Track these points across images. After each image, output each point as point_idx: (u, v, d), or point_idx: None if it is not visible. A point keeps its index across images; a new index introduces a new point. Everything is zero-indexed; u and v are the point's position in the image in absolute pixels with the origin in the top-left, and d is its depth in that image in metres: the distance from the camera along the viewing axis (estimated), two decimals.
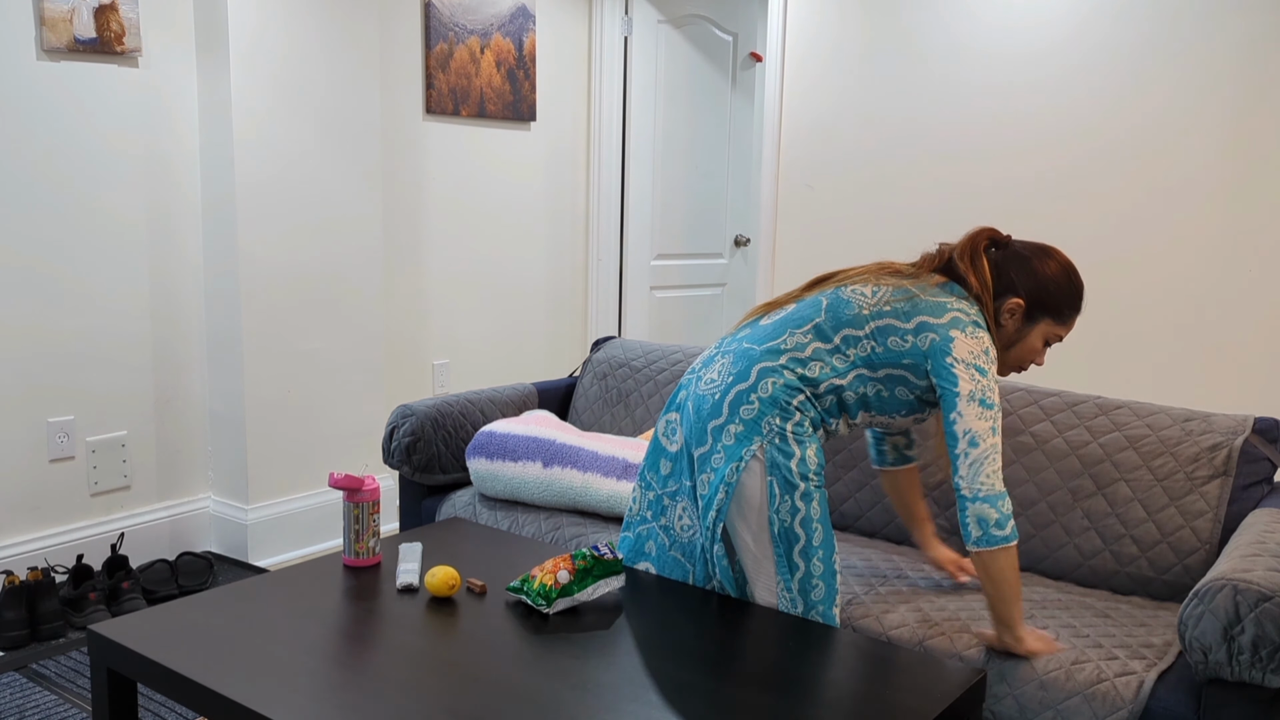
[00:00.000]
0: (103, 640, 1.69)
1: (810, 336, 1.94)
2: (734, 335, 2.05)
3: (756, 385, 1.93)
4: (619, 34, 4.48)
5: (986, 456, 1.81)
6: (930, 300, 1.91)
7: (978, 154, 3.57)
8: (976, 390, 1.84)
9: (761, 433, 1.90)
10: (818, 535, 1.91)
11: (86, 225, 3.10)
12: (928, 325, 1.89)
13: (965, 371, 1.85)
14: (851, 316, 1.93)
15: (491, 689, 1.53)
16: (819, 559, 1.91)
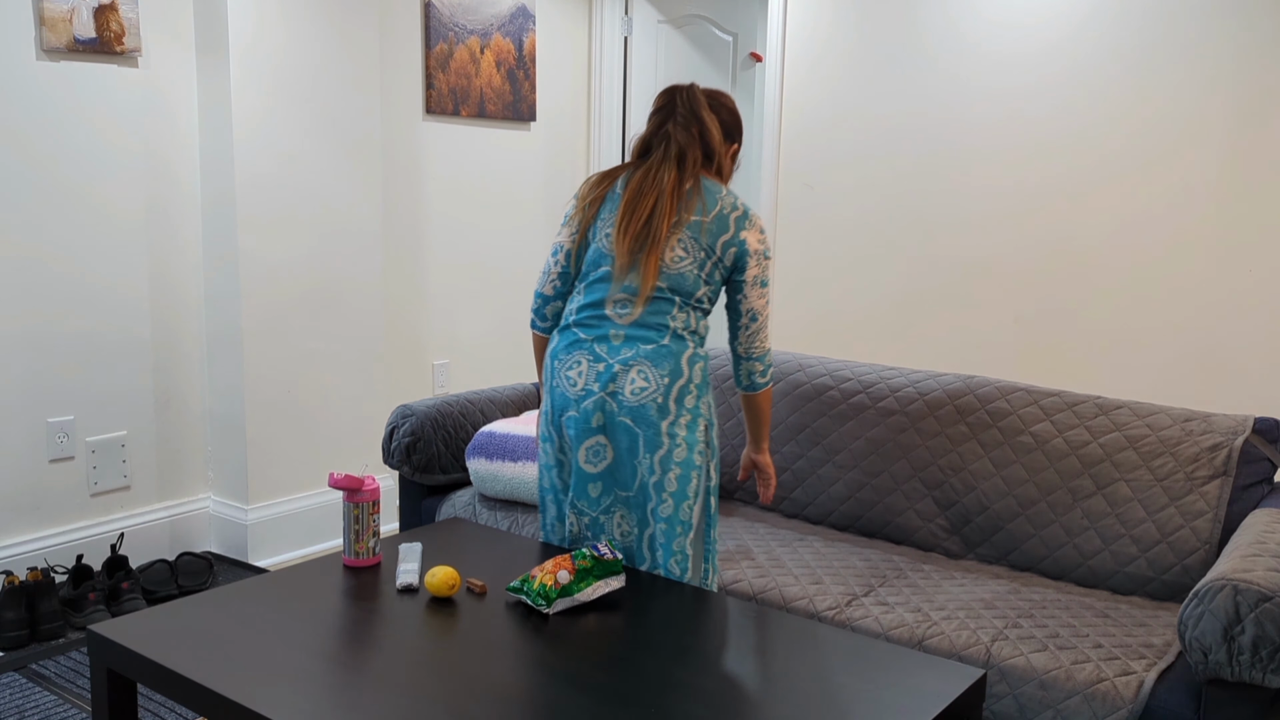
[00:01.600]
0: (103, 640, 1.69)
1: (686, 310, 2.11)
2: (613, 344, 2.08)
3: (691, 374, 2.07)
4: (619, 34, 4.48)
5: (761, 328, 2.15)
6: (715, 224, 2.09)
7: (978, 154, 3.57)
8: (761, 274, 2.13)
9: (701, 414, 2.08)
10: (713, 504, 2.15)
11: (86, 225, 3.10)
12: (728, 243, 2.10)
13: (755, 262, 2.12)
14: (690, 282, 2.10)
15: (491, 689, 1.53)
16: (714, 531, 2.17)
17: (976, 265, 3.61)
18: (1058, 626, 2.00)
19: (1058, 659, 1.87)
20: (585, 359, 2.08)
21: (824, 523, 2.67)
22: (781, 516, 2.73)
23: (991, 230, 3.57)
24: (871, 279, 3.86)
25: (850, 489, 2.62)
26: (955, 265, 3.66)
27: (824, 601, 2.14)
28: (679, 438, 2.04)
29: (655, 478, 2.04)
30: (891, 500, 2.55)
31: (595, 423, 2.07)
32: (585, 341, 2.10)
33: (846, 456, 2.64)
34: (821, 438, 2.69)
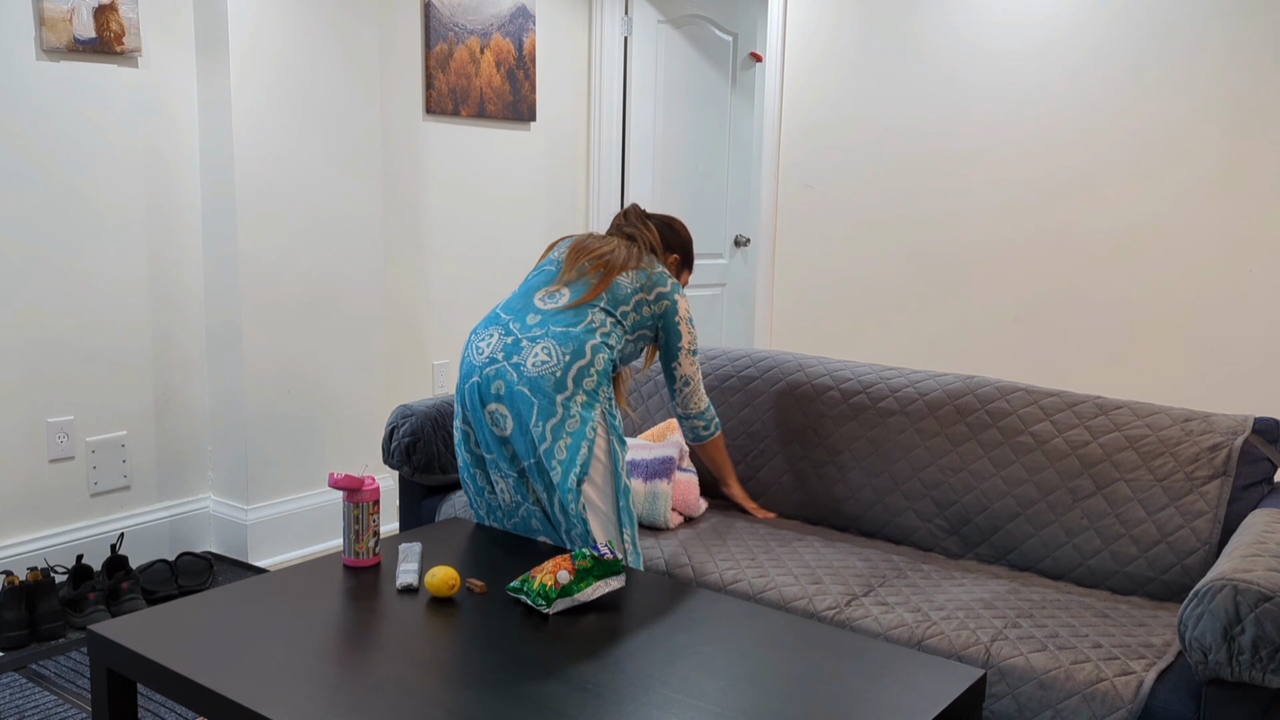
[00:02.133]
0: (102, 640, 1.69)
1: (605, 315, 2.29)
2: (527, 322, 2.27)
3: (593, 360, 2.22)
4: (619, 34, 4.48)
5: (695, 391, 2.47)
6: (657, 273, 2.39)
7: (978, 154, 3.57)
8: (691, 343, 2.44)
9: (600, 399, 2.22)
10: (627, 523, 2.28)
11: (87, 225, 3.10)
12: (662, 294, 2.38)
13: (686, 328, 2.42)
14: (623, 295, 2.33)
15: (491, 689, 1.53)
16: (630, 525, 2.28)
17: (976, 265, 3.61)
18: (1057, 626, 2.00)
19: (1057, 659, 1.87)
20: (498, 332, 2.28)
21: (824, 523, 2.67)
22: (781, 516, 2.73)
23: (991, 230, 3.57)
24: (871, 279, 3.86)
25: (850, 489, 2.62)
26: (955, 265, 3.66)
27: (823, 601, 2.14)
28: (573, 410, 2.18)
29: (547, 444, 2.17)
30: (891, 500, 2.55)
31: (495, 390, 2.22)
32: (503, 320, 2.30)
33: (846, 457, 2.64)
34: (822, 438, 2.69)
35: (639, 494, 2.56)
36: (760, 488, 2.77)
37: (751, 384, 2.85)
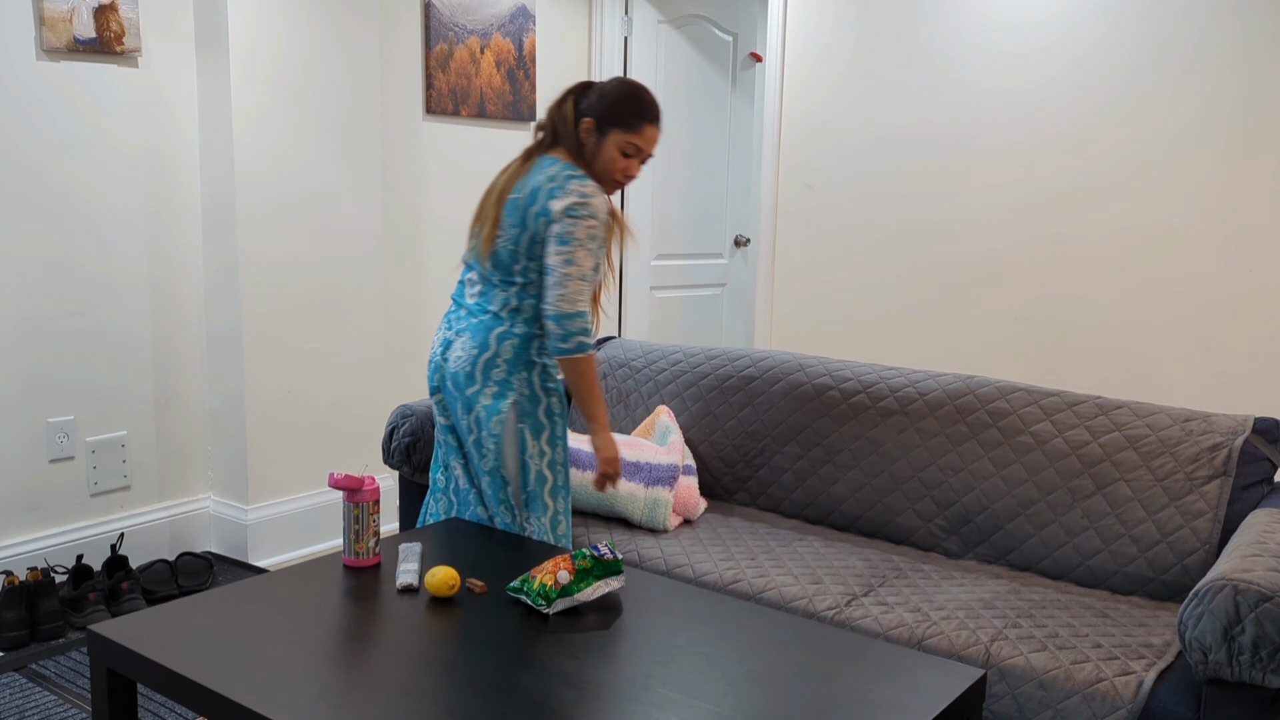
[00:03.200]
0: (103, 640, 1.69)
1: (505, 289, 2.26)
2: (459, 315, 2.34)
3: (499, 350, 2.24)
4: (619, 34, 4.48)
5: (558, 285, 2.15)
6: (527, 199, 2.21)
7: (979, 154, 3.57)
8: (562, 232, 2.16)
9: (513, 388, 2.24)
10: (560, 475, 2.29)
11: (86, 225, 3.10)
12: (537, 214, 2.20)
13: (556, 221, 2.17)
14: (505, 259, 2.25)
15: (491, 689, 1.53)
16: (563, 498, 2.30)
17: (976, 265, 3.61)
18: (1057, 626, 2.00)
19: (1057, 659, 1.87)
20: (443, 328, 2.37)
21: (824, 523, 2.67)
22: (781, 516, 2.73)
23: (992, 230, 3.57)
24: (871, 279, 3.86)
25: (850, 489, 2.62)
26: (955, 265, 3.66)
27: (823, 601, 2.14)
28: (481, 404, 2.24)
29: (473, 436, 2.28)
30: (891, 500, 2.55)
31: (436, 382, 2.36)
32: (449, 312, 2.38)
33: (846, 456, 2.64)
34: (821, 438, 2.69)
35: (639, 499, 2.56)
36: (760, 487, 2.77)
37: (751, 384, 2.85)
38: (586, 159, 2.26)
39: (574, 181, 2.18)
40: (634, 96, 2.24)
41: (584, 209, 2.15)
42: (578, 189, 2.16)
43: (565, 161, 2.23)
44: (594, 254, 2.17)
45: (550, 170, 2.20)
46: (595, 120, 2.24)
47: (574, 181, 2.18)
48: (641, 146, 2.24)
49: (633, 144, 2.23)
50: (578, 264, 2.14)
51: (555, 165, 2.21)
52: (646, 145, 2.25)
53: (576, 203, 2.15)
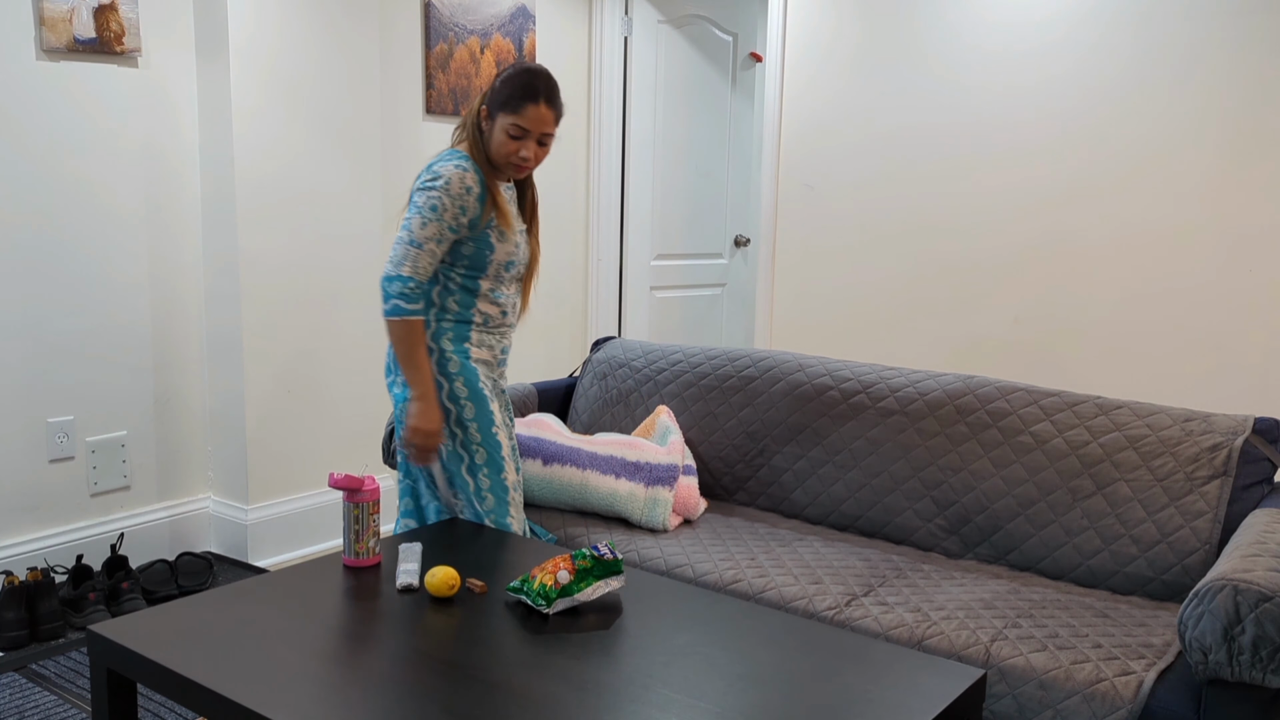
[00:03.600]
0: (103, 640, 1.69)
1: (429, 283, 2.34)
2: None
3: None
4: (619, 34, 4.48)
5: (394, 245, 2.24)
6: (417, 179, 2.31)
7: (978, 154, 3.57)
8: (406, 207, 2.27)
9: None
10: (479, 455, 2.34)
11: (86, 226, 3.10)
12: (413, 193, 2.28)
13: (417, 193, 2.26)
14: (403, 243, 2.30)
15: (491, 689, 1.53)
16: (485, 474, 2.35)
17: (976, 265, 3.61)
18: (1057, 626, 2.00)
19: (1057, 659, 1.87)
20: None
21: (823, 523, 2.67)
22: (781, 516, 2.73)
23: (992, 230, 3.57)
24: (871, 279, 3.86)
25: (850, 489, 2.62)
26: (955, 265, 3.66)
27: (823, 601, 2.14)
28: (394, 393, 2.36)
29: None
30: (891, 500, 2.55)
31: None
32: None
33: (846, 456, 2.64)
34: (821, 438, 2.69)
35: (639, 499, 2.56)
36: (760, 487, 2.77)
37: (751, 384, 2.85)
38: (484, 147, 2.32)
39: (440, 161, 2.28)
40: (517, 78, 2.27)
41: (431, 181, 2.24)
42: (439, 166, 2.26)
43: (456, 149, 2.32)
44: (433, 222, 2.23)
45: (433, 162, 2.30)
46: (487, 107, 2.31)
47: (440, 161, 2.28)
48: (526, 127, 2.26)
49: (516, 125, 2.26)
50: (410, 229, 2.23)
51: (442, 158, 2.29)
52: (532, 125, 2.26)
53: (428, 176, 2.25)
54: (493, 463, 2.36)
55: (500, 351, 2.44)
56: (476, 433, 2.34)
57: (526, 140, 2.28)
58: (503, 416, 2.41)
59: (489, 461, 2.35)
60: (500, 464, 2.37)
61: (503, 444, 2.38)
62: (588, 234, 4.61)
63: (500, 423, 2.38)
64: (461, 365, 2.33)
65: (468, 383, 2.33)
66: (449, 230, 2.25)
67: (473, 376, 2.34)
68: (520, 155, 2.29)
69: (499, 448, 2.37)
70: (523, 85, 2.26)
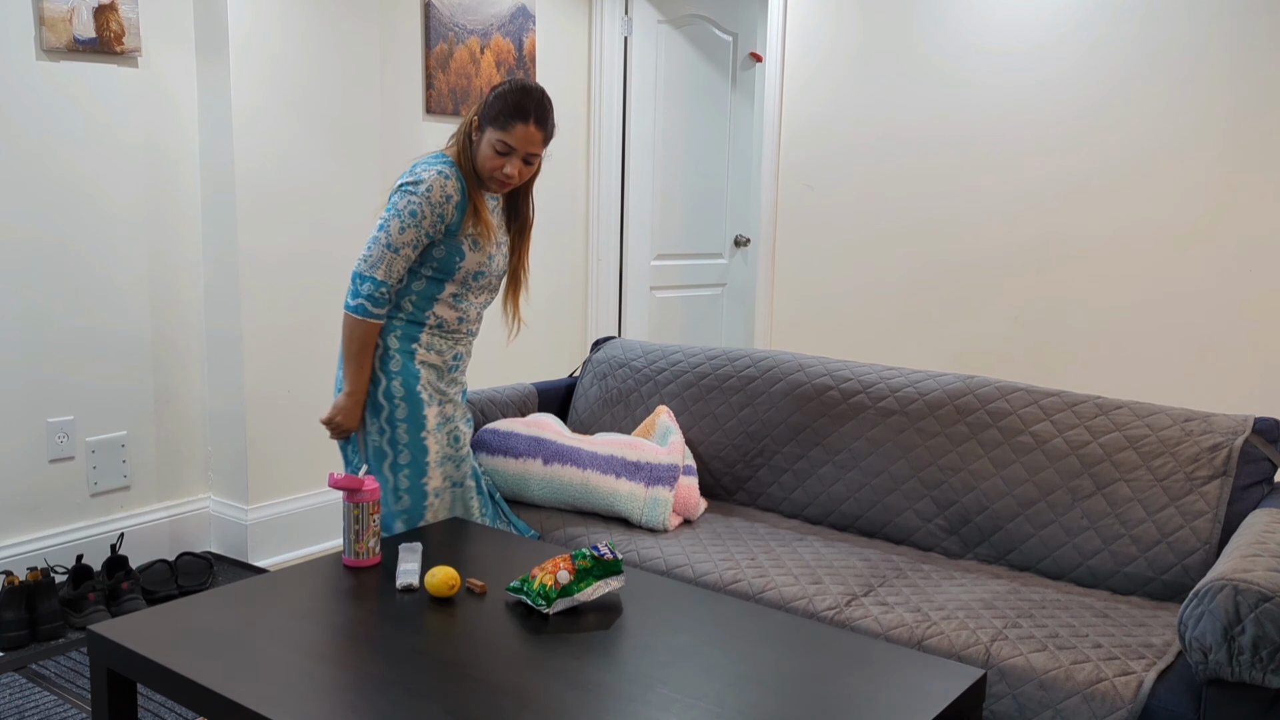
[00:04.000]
0: (103, 640, 1.69)
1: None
2: None
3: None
4: (619, 34, 4.48)
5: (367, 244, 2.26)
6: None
7: (978, 154, 3.57)
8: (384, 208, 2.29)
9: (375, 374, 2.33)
10: (404, 455, 2.34)
11: (86, 226, 3.10)
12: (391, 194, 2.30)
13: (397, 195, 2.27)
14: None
15: (491, 689, 1.53)
16: (405, 475, 2.34)
17: (976, 265, 3.61)
18: (1057, 626, 2.00)
19: (1057, 659, 1.87)
20: None
21: (824, 523, 2.67)
22: (781, 516, 2.73)
23: (992, 230, 3.57)
24: (871, 279, 3.86)
25: (850, 489, 2.62)
26: (955, 265, 3.66)
27: (823, 601, 2.14)
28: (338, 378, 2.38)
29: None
30: (891, 500, 2.55)
31: None
32: None
33: (846, 456, 2.64)
34: (821, 438, 2.69)
35: (639, 499, 2.55)
36: (760, 487, 2.77)
37: (751, 384, 2.85)
38: (471, 157, 2.32)
39: (422, 164, 2.28)
40: (510, 95, 2.27)
41: (413, 185, 2.24)
42: (422, 170, 2.26)
43: (444, 154, 2.32)
44: (411, 228, 2.24)
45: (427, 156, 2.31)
46: (478, 119, 2.31)
47: (422, 164, 2.28)
48: (511, 144, 2.26)
49: (503, 141, 2.26)
50: (389, 231, 2.24)
51: (420, 164, 2.30)
52: (518, 144, 2.26)
53: (408, 179, 2.26)
54: (415, 465, 2.35)
55: (452, 358, 2.42)
56: (405, 434, 2.34)
57: (512, 157, 2.28)
58: (441, 422, 2.38)
59: (411, 464, 2.35)
60: (423, 468, 2.35)
61: (430, 449, 2.36)
62: (588, 234, 4.61)
63: (433, 428, 2.36)
64: (403, 365, 2.33)
65: (405, 383, 2.33)
66: (425, 236, 2.27)
67: (411, 378, 2.34)
68: (504, 172, 2.29)
69: (425, 453, 2.35)
70: (514, 103, 2.25)
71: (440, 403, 2.38)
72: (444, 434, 2.39)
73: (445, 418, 2.40)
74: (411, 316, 2.34)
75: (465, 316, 2.41)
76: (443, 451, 2.38)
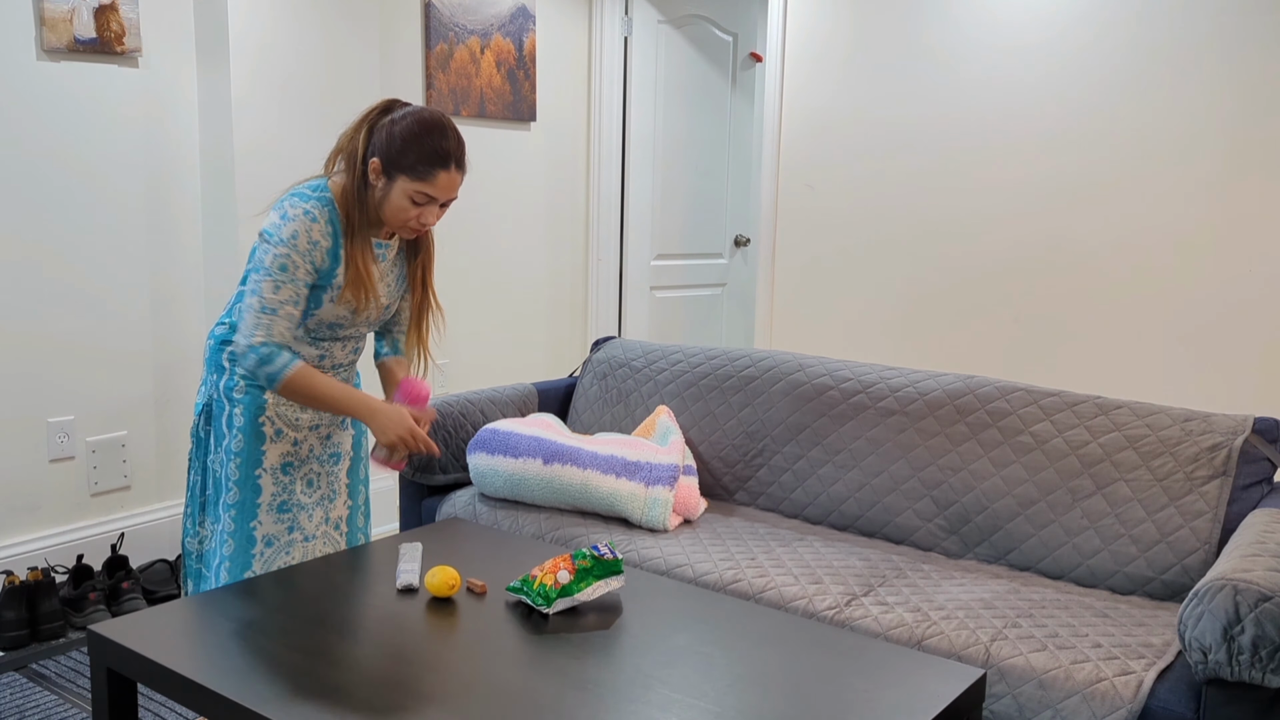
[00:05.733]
0: (103, 640, 1.69)
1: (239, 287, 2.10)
2: None
3: (207, 348, 2.13)
4: (619, 34, 4.48)
5: (241, 314, 1.96)
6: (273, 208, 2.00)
7: (979, 153, 3.57)
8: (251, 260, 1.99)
9: (206, 387, 2.12)
10: (233, 494, 2.06)
11: (87, 226, 3.10)
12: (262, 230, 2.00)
13: (258, 244, 1.98)
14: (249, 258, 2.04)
15: (491, 689, 1.54)
16: (231, 517, 2.06)
17: (976, 265, 3.61)
18: (1057, 626, 2.00)
19: (1057, 659, 1.87)
20: None
21: (823, 523, 2.67)
22: (781, 516, 2.73)
23: (992, 230, 3.57)
24: (871, 279, 3.86)
25: (850, 489, 2.62)
26: (955, 265, 3.66)
27: (823, 601, 2.14)
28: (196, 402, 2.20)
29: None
30: (891, 500, 2.55)
31: None
32: None
33: (846, 456, 2.64)
34: (821, 438, 2.69)
35: (639, 499, 2.55)
36: (760, 487, 2.77)
37: (751, 384, 2.85)
38: (374, 202, 2.01)
39: (293, 199, 1.96)
40: (425, 139, 1.95)
41: (276, 233, 1.94)
42: (290, 210, 1.95)
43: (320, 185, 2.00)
44: (286, 285, 1.94)
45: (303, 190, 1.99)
46: (381, 163, 1.97)
47: (293, 199, 1.96)
48: (433, 195, 1.97)
49: (422, 193, 1.96)
50: (260, 294, 1.94)
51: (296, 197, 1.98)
52: (441, 193, 1.97)
53: (274, 224, 1.95)
54: (243, 506, 2.06)
55: None
56: (236, 469, 2.06)
57: (430, 206, 1.99)
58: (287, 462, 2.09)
59: (239, 504, 2.06)
60: (252, 511, 2.06)
61: (264, 490, 2.07)
62: (588, 234, 4.61)
63: (272, 467, 2.07)
64: (245, 391, 2.06)
65: (245, 412, 2.05)
66: (305, 287, 1.97)
67: (253, 409, 2.06)
68: (424, 221, 2.01)
69: (258, 493, 2.06)
70: (432, 150, 1.95)
71: (294, 442, 2.11)
72: (290, 475, 2.10)
73: (295, 457, 2.11)
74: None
75: (328, 356, 2.12)
76: (282, 498, 2.09)
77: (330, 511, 2.18)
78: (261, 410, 2.06)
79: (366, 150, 1.99)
